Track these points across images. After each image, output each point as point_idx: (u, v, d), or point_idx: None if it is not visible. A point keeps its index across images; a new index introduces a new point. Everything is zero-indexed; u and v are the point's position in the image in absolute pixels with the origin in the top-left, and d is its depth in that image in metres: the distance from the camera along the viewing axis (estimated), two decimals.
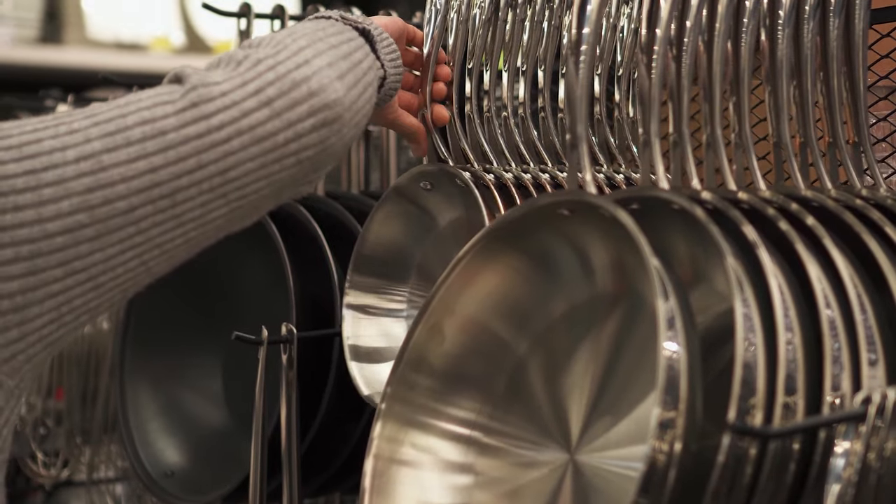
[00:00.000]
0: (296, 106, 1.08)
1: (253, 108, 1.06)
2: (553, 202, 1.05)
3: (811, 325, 1.00)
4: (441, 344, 1.14)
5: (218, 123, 1.04)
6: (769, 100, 1.12)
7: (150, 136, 1.02)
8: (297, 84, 1.08)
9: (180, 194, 1.03)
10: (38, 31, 3.99)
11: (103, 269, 1.01)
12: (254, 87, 1.07)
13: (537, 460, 1.09)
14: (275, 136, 1.07)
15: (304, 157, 1.09)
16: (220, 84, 1.06)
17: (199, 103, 1.04)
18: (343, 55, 1.15)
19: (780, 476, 0.96)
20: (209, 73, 1.08)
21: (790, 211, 1.07)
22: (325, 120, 1.09)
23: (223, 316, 1.62)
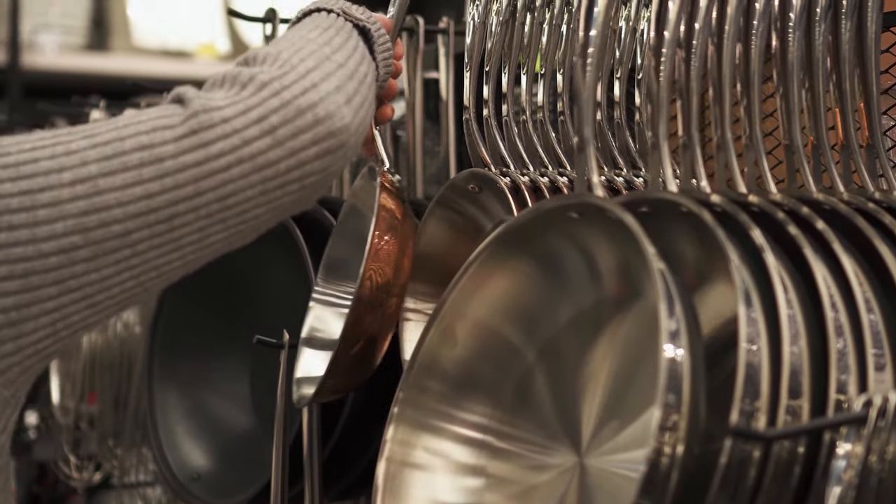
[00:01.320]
0: (300, 134, 1.06)
1: (255, 136, 1.05)
2: (559, 205, 1.05)
3: (818, 328, 0.99)
4: (453, 348, 1.14)
5: (217, 152, 1.03)
6: (780, 102, 1.11)
7: (148, 162, 1.01)
8: (302, 112, 1.07)
9: (178, 220, 1.03)
10: (84, 39, 4.04)
11: (99, 288, 1.01)
12: (257, 115, 1.05)
13: (547, 464, 1.09)
14: (276, 164, 1.05)
15: (307, 183, 1.08)
16: (222, 110, 1.05)
17: (198, 130, 1.03)
18: (351, 74, 1.13)
19: (785, 479, 0.95)
20: (212, 95, 1.06)
21: (800, 214, 1.06)
22: (329, 148, 1.08)
23: (249, 320, 1.63)
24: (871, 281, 1.03)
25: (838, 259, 1.03)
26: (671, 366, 0.94)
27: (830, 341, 0.98)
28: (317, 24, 1.18)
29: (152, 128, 1.03)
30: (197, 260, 1.06)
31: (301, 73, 1.08)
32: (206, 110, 1.04)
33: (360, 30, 1.21)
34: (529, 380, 1.12)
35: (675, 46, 1.06)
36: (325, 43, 1.14)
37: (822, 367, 0.98)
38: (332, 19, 1.19)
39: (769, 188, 1.10)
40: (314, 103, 1.07)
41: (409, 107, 1.64)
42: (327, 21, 1.18)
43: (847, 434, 0.93)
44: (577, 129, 1.06)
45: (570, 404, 1.08)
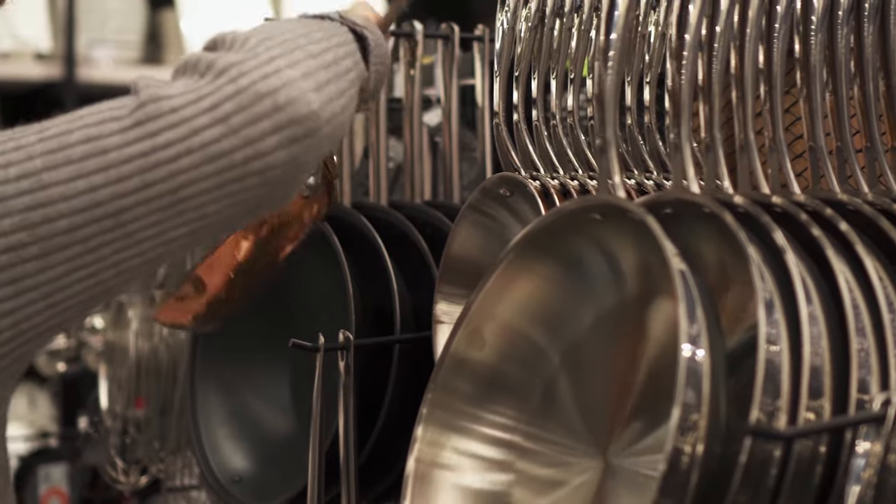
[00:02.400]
0: (257, 122, 1.01)
1: (205, 124, 1.00)
2: (581, 207, 1.06)
3: (840, 329, 1.00)
4: (481, 349, 1.16)
5: (164, 142, 0.99)
6: (804, 105, 1.12)
7: (92, 154, 0.98)
8: (260, 97, 1.01)
9: (126, 214, 0.99)
10: (139, 53, 4.10)
11: (56, 287, 0.99)
12: (209, 103, 1.00)
13: (573, 464, 1.10)
14: (231, 154, 1.00)
15: (271, 177, 1.02)
16: (173, 99, 1.00)
17: (144, 121, 0.99)
18: (325, 64, 1.07)
19: (806, 479, 0.96)
20: (168, 84, 1.02)
21: (824, 215, 1.07)
22: (293, 136, 1.02)
23: (290, 325, 1.65)
24: (895, 282, 1.03)
25: (861, 260, 1.03)
26: (690, 365, 0.94)
27: (852, 341, 0.99)
28: (305, 21, 1.15)
29: (100, 120, 1.00)
30: (161, 256, 1.03)
31: (264, 59, 1.03)
32: (154, 100, 1.00)
33: (357, 36, 1.17)
34: (555, 381, 1.13)
35: (697, 49, 1.07)
36: (302, 34, 1.10)
37: (844, 367, 0.99)
38: (323, 24, 1.15)
39: (793, 189, 1.10)
40: (274, 89, 1.01)
41: (444, 114, 1.65)
42: (315, 24, 1.14)
43: (866, 433, 0.93)
44: (598, 132, 1.07)
45: (596, 405, 1.09)
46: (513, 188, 1.33)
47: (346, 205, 1.61)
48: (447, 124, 1.65)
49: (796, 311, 0.98)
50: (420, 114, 1.66)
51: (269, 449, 1.64)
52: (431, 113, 1.79)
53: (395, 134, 1.79)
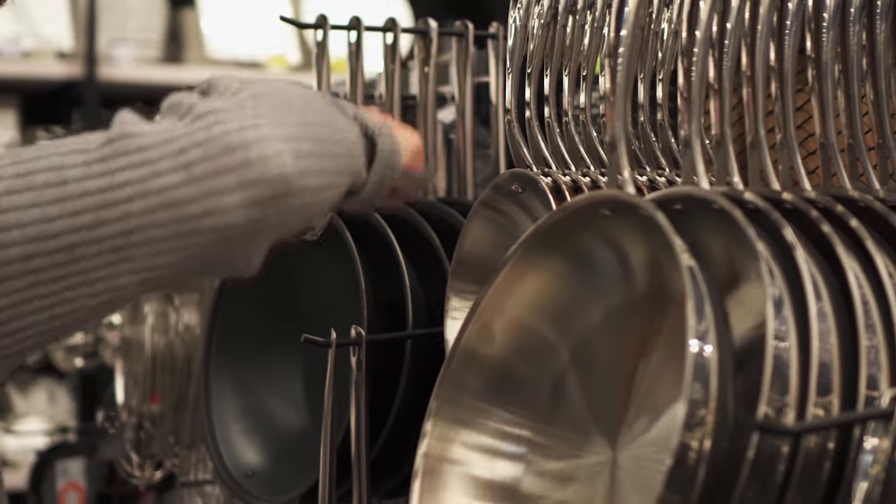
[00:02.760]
0: (221, 174, 0.94)
1: (166, 169, 0.94)
2: (590, 202, 1.06)
3: (849, 326, 0.99)
4: (491, 344, 1.16)
5: (122, 181, 0.94)
6: (815, 102, 1.12)
7: (52, 183, 0.94)
8: (229, 149, 0.94)
9: (79, 250, 0.94)
10: (159, 52, 4.12)
11: (12, 315, 0.95)
12: (177, 147, 0.95)
13: (583, 459, 1.10)
14: (188, 204, 0.94)
15: (231, 236, 0.96)
16: (141, 137, 0.95)
17: (109, 157, 0.95)
18: (315, 137, 1.00)
19: (814, 475, 0.96)
20: (144, 122, 0.97)
21: (834, 212, 1.06)
22: (258, 197, 0.95)
23: (304, 320, 1.65)
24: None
25: (871, 257, 1.03)
26: (698, 361, 0.94)
27: (861, 338, 0.98)
28: (317, 95, 1.08)
29: (69, 150, 0.96)
30: (115, 301, 0.98)
31: (248, 112, 0.96)
32: (123, 136, 0.96)
33: (367, 136, 1.09)
34: (564, 376, 1.13)
35: (708, 45, 1.07)
36: (304, 103, 1.03)
37: (853, 364, 0.98)
38: (336, 110, 1.07)
39: (804, 186, 1.10)
40: (247, 142, 0.95)
41: (458, 111, 1.66)
42: (330, 104, 1.07)
43: (874, 429, 0.93)
44: (608, 128, 1.07)
45: (605, 400, 1.10)
46: (524, 185, 1.33)
47: None
48: (461, 121, 1.66)
49: (805, 308, 0.98)
50: (434, 111, 1.66)
51: (283, 444, 1.65)
52: (446, 110, 1.79)
53: None
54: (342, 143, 1.05)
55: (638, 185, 1.27)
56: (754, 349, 1.01)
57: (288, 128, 0.98)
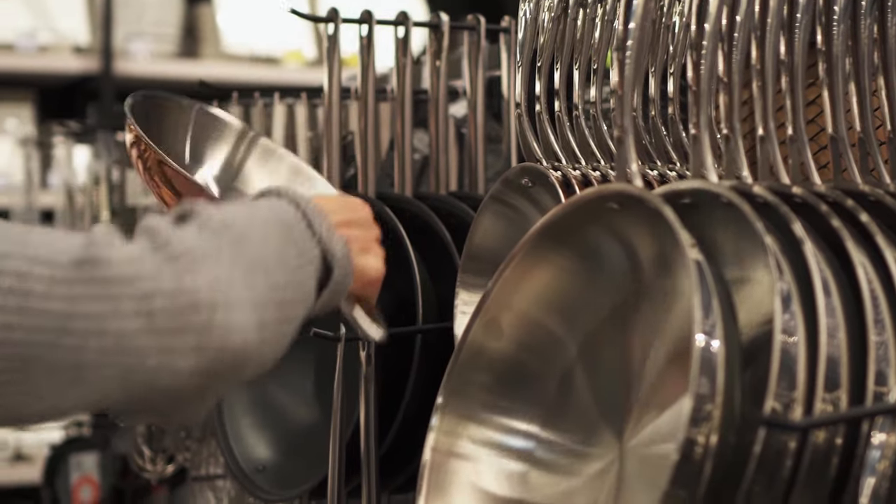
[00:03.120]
0: (182, 332, 0.91)
1: (128, 311, 0.90)
2: (597, 195, 1.06)
3: (858, 321, 0.99)
4: (499, 339, 1.15)
5: (82, 312, 0.90)
6: (826, 96, 1.11)
7: (16, 292, 0.90)
8: (196, 308, 0.91)
9: (34, 365, 0.90)
10: (176, 46, 4.12)
11: None
12: (143, 289, 0.91)
13: (591, 454, 1.10)
14: (144, 356, 0.91)
15: (178, 396, 0.93)
16: (109, 268, 0.91)
17: (74, 282, 0.90)
18: (280, 301, 0.97)
19: (822, 470, 0.95)
20: (122, 244, 0.93)
21: (845, 206, 1.06)
22: (213, 368, 0.92)
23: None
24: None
25: (881, 251, 1.02)
26: (705, 356, 0.94)
27: (870, 333, 0.98)
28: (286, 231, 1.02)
29: (47, 255, 0.91)
30: (59, 415, 0.95)
31: (222, 266, 0.93)
32: (92, 261, 0.91)
33: (326, 264, 1.06)
34: (572, 370, 1.12)
35: (717, 38, 1.06)
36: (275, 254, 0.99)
37: (861, 359, 0.98)
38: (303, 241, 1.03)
39: (813, 180, 1.09)
40: (215, 304, 0.92)
41: (470, 105, 1.65)
42: (295, 237, 1.03)
43: (882, 424, 0.92)
44: (616, 121, 1.06)
45: (612, 394, 1.09)
46: (534, 179, 1.33)
47: (371, 195, 1.61)
48: (473, 116, 1.65)
49: (814, 303, 0.97)
50: (446, 105, 1.65)
51: (293, 438, 1.65)
52: (458, 104, 1.79)
53: (422, 125, 1.79)
54: (302, 296, 1.02)
55: (648, 179, 1.27)
56: (763, 344, 1.00)
57: (257, 291, 0.95)
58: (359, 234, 1.13)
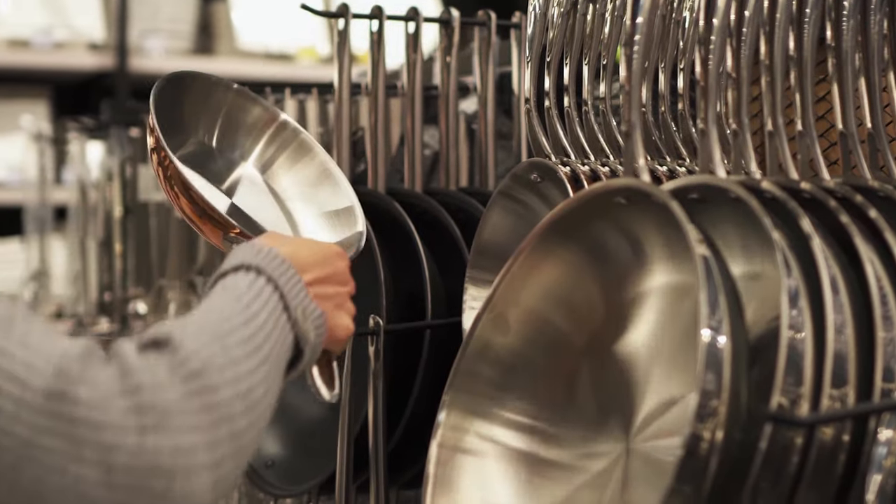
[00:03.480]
0: (139, 494, 0.89)
1: (89, 459, 0.88)
2: (605, 190, 1.05)
3: (866, 317, 0.98)
4: (505, 335, 1.15)
5: (45, 446, 0.88)
6: (836, 92, 1.10)
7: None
8: (156, 472, 0.89)
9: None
10: (190, 43, 4.13)
11: None
12: (106, 439, 0.89)
13: (597, 449, 1.09)
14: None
15: None
16: (77, 407, 0.89)
17: (41, 412, 0.88)
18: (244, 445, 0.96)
19: (829, 467, 0.95)
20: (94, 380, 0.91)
21: (854, 202, 1.05)
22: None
23: None
24: None
25: (890, 248, 1.02)
26: (711, 352, 0.93)
27: (878, 329, 0.97)
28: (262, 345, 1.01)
29: (22, 373, 0.89)
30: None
31: (186, 425, 0.91)
32: (61, 396, 0.89)
33: (298, 346, 1.07)
34: (579, 367, 1.12)
35: (725, 33, 1.06)
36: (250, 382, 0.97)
37: (869, 356, 0.97)
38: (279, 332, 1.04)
39: (822, 176, 1.09)
40: (174, 471, 0.90)
41: (480, 101, 1.65)
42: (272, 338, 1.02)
43: (889, 421, 0.92)
44: (624, 115, 1.06)
45: (619, 391, 1.09)
46: (543, 174, 1.32)
47: (381, 191, 1.61)
48: (483, 112, 1.65)
49: (821, 299, 0.97)
50: (456, 101, 1.65)
51: (302, 434, 1.65)
52: (469, 100, 1.79)
53: (433, 121, 1.79)
54: (271, 401, 1.03)
55: (658, 175, 1.26)
56: (771, 341, 1.00)
57: (221, 447, 0.93)
58: (333, 292, 1.16)
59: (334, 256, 1.17)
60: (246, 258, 1.07)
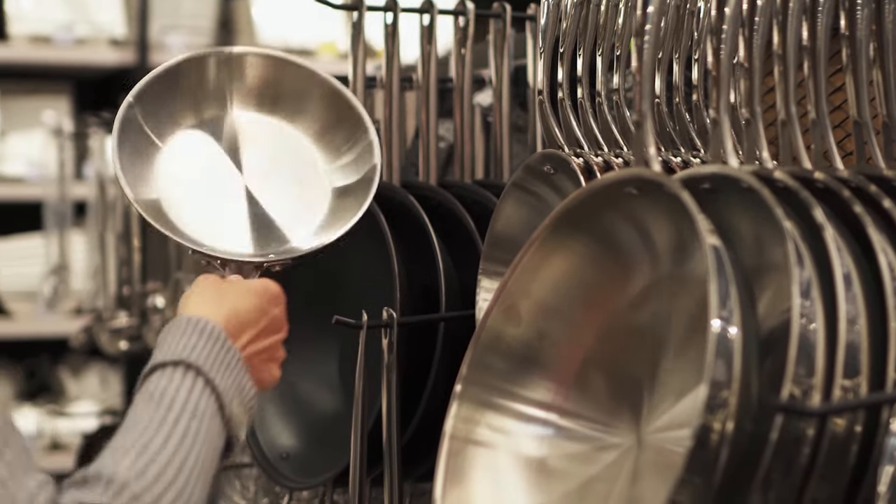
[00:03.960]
0: None
1: None
2: (615, 180, 1.05)
3: (879, 308, 0.97)
4: (517, 326, 1.14)
5: None
6: (849, 80, 1.09)
7: None
8: None
9: None
10: (211, 39, 4.13)
11: None
12: None
13: (608, 441, 1.09)
14: None
15: None
16: None
17: None
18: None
19: (841, 458, 0.94)
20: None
21: (868, 192, 1.04)
22: None
23: (339, 303, 1.65)
24: None
25: None
26: (721, 343, 0.93)
27: (891, 320, 0.96)
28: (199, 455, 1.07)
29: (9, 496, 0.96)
30: None
31: None
32: None
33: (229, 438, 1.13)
34: (590, 358, 1.11)
35: (737, 22, 1.05)
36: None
37: (882, 346, 0.96)
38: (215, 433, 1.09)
39: (836, 165, 1.08)
40: None
41: (495, 94, 1.64)
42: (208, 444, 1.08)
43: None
44: (635, 105, 1.05)
45: (630, 382, 1.08)
46: (556, 166, 1.32)
47: (396, 183, 1.61)
48: (498, 105, 1.64)
49: (833, 289, 0.96)
50: (471, 94, 1.65)
51: (317, 427, 1.64)
52: (485, 93, 1.78)
53: (449, 114, 1.79)
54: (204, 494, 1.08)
55: (672, 165, 1.26)
56: (784, 333, 0.99)
57: None
58: (268, 344, 1.23)
59: (271, 303, 1.24)
60: (178, 350, 1.11)
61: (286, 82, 1.44)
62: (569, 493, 1.09)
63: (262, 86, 1.43)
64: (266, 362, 1.23)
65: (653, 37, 1.04)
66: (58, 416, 3.81)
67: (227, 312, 1.17)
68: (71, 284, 3.40)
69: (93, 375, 3.97)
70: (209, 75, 1.41)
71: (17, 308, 3.82)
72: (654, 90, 1.06)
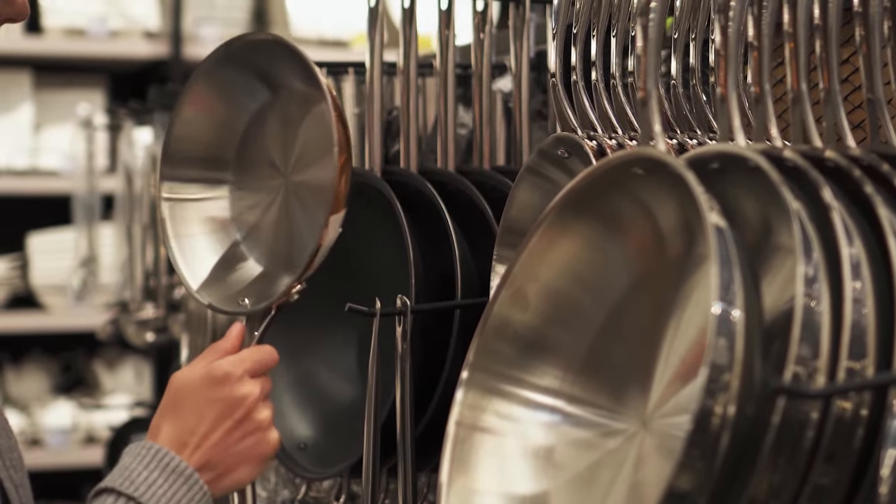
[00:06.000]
0: None
1: None
2: (621, 161, 1.03)
3: (888, 290, 0.95)
4: (524, 311, 1.13)
5: None
6: (862, 55, 1.07)
7: None
8: None
9: None
10: (245, 31, 4.13)
11: None
12: None
13: (615, 427, 1.07)
14: None
15: None
16: None
17: None
18: None
19: (847, 442, 0.92)
20: None
21: (880, 171, 1.02)
22: None
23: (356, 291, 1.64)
24: None
25: None
26: (722, 324, 0.91)
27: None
28: None
29: None
30: None
31: None
32: None
33: None
34: (598, 343, 1.09)
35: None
36: None
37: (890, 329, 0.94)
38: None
39: (847, 141, 1.05)
40: None
41: (515, 80, 1.62)
42: None
43: None
44: (640, 84, 1.03)
45: (637, 367, 1.06)
46: (570, 149, 1.30)
47: (413, 170, 1.59)
48: (517, 91, 1.62)
49: (840, 271, 0.94)
50: (490, 80, 1.63)
51: (334, 416, 1.63)
52: (506, 79, 1.76)
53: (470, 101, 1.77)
54: None
55: (687, 147, 1.23)
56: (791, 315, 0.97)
57: None
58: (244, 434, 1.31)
59: (240, 395, 1.31)
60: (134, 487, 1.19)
61: None
62: (575, 479, 1.07)
63: None
64: (254, 447, 1.30)
65: (658, 14, 1.02)
66: (93, 410, 3.83)
67: (188, 427, 1.26)
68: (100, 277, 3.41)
69: (127, 368, 3.99)
70: None
71: (51, 302, 3.84)
72: (658, 68, 1.03)
